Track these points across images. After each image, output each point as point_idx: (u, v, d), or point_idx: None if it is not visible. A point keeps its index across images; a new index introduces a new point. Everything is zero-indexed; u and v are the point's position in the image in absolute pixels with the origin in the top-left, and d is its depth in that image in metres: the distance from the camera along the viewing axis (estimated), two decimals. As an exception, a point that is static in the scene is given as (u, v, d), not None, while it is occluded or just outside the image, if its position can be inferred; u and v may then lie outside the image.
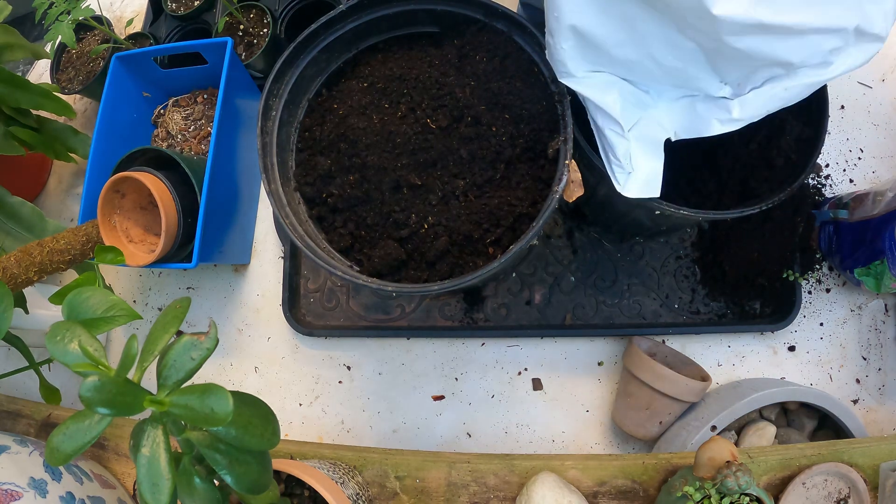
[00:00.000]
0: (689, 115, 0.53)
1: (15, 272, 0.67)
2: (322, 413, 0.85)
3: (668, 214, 0.59)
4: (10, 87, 0.77)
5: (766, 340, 0.80)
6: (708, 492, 0.52)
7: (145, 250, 0.77)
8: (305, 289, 0.87)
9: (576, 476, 0.63)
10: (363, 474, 0.65)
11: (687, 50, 0.49)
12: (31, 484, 0.55)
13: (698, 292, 0.81)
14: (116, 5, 1.11)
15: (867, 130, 0.85)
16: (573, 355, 0.82)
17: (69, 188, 1.03)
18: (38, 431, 0.74)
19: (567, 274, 0.82)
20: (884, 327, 0.80)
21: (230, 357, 0.89)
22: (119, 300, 0.58)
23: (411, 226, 0.62)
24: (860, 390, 0.79)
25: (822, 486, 0.61)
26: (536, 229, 0.54)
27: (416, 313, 0.84)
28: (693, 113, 0.53)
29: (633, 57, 0.51)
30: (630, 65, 0.52)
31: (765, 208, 0.59)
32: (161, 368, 0.36)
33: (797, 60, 0.47)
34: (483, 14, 0.63)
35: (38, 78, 1.10)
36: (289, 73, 0.65)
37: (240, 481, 0.37)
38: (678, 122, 0.54)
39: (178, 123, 0.93)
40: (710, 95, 0.52)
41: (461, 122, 0.63)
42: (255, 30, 0.93)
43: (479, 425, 0.82)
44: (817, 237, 0.79)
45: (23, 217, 0.78)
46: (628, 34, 0.50)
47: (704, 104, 0.52)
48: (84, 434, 0.35)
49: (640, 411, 0.73)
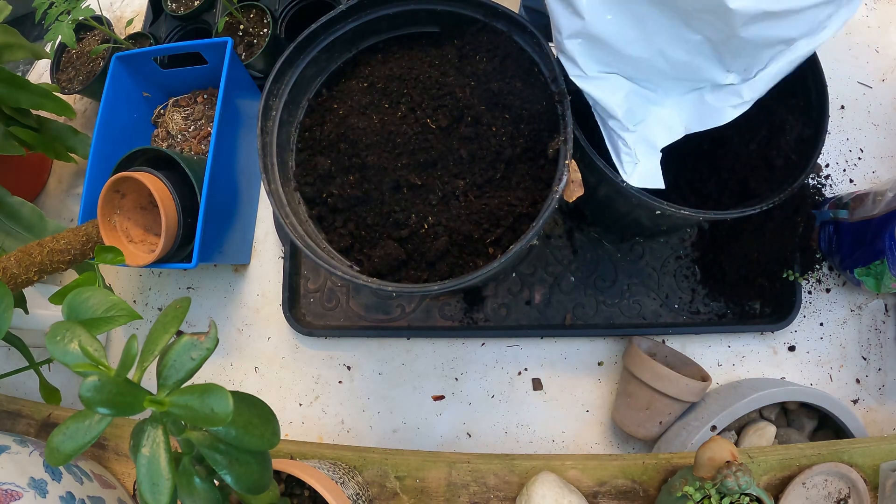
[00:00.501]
0: (700, 107, 0.55)
1: (15, 272, 0.67)
2: (322, 413, 0.85)
3: (668, 214, 0.59)
4: (10, 87, 0.77)
5: (766, 340, 0.80)
6: (708, 492, 0.52)
7: (145, 250, 0.77)
8: (305, 289, 0.87)
9: (576, 476, 0.63)
10: (363, 474, 0.65)
11: (693, 43, 0.51)
12: (31, 484, 0.55)
13: (698, 292, 0.81)
14: (116, 5, 1.11)
15: (867, 130, 0.85)
16: (573, 355, 0.82)
17: (69, 188, 1.03)
18: (38, 431, 0.74)
19: (567, 274, 0.82)
20: (884, 327, 0.80)
21: (230, 357, 0.89)
22: (119, 300, 0.58)
23: (411, 226, 0.62)
24: (860, 390, 0.79)
25: (822, 486, 0.61)
26: (536, 229, 0.54)
27: (416, 313, 0.84)
28: (703, 105, 0.54)
29: (644, 54, 0.52)
30: (639, 62, 0.53)
31: (765, 208, 0.59)
32: (161, 368, 0.36)
33: (797, 35, 0.49)
34: (483, 14, 0.63)
35: (38, 78, 1.10)
36: (289, 73, 0.65)
37: (240, 481, 0.37)
38: (689, 117, 0.55)
39: (178, 123, 0.93)
40: (718, 84, 0.53)
41: (461, 122, 0.63)
42: (255, 30, 0.93)
43: (479, 425, 0.82)
44: (817, 237, 0.79)
45: (23, 217, 0.79)
46: (639, 31, 0.51)
47: (713, 94, 0.54)
48: (84, 434, 0.35)
49: (640, 411, 0.73)
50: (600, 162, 0.58)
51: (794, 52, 0.51)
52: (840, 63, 0.88)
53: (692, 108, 0.55)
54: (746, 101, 0.53)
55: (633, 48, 0.52)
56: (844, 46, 0.88)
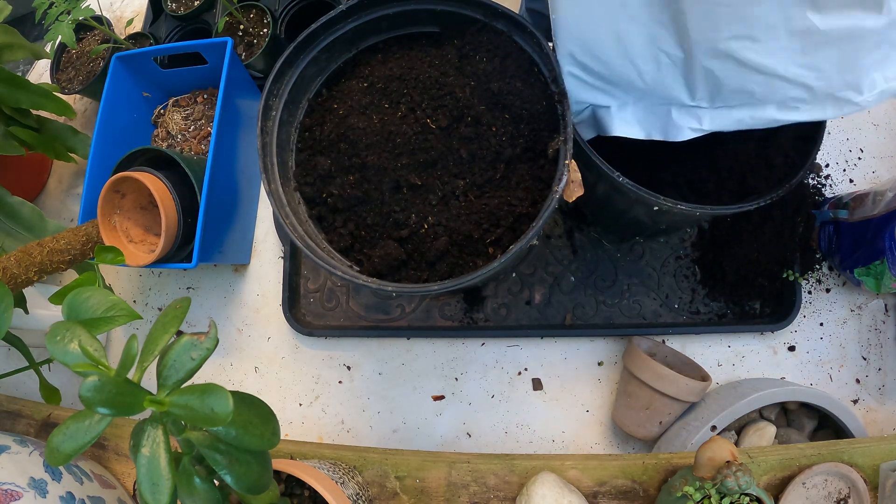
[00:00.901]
0: (665, 119, 0.57)
1: (15, 272, 0.67)
2: (322, 413, 0.85)
3: (665, 210, 0.59)
4: (10, 87, 0.77)
5: (766, 340, 0.80)
6: (708, 492, 0.52)
7: (145, 250, 0.77)
8: (305, 289, 0.87)
9: (576, 476, 0.63)
10: (363, 474, 0.65)
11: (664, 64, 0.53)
12: (31, 484, 0.55)
13: (698, 292, 0.81)
14: (116, 5, 1.11)
15: (867, 130, 0.85)
16: (573, 355, 0.82)
17: (69, 188, 1.03)
18: (38, 431, 0.74)
19: (567, 274, 0.82)
20: (884, 327, 0.80)
21: (230, 357, 0.89)
22: (119, 300, 0.58)
23: (411, 226, 0.62)
24: (860, 390, 0.79)
25: (822, 486, 0.61)
26: (536, 229, 0.54)
27: (416, 313, 0.84)
28: (669, 118, 0.57)
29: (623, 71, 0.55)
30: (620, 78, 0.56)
31: (763, 204, 0.59)
32: (161, 368, 0.36)
33: (759, 93, 0.51)
34: (483, 14, 0.63)
35: (38, 78, 1.10)
36: (289, 73, 0.65)
37: (240, 481, 0.37)
38: (654, 124, 0.58)
39: (178, 123, 0.93)
40: (685, 104, 0.56)
41: (461, 122, 0.63)
42: (255, 30, 0.93)
43: (479, 425, 0.82)
44: (817, 237, 0.79)
45: (23, 217, 0.79)
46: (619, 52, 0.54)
47: (679, 112, 0.56)
48: (84, 434, 0.35)
49: (640, 411, 0.73)
50: (597, 158, 0.58)
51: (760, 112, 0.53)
52: (840, 63, 0.88)
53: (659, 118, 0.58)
54: (704, 129, 0.55)
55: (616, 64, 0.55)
56: (844, 46, 0.88)
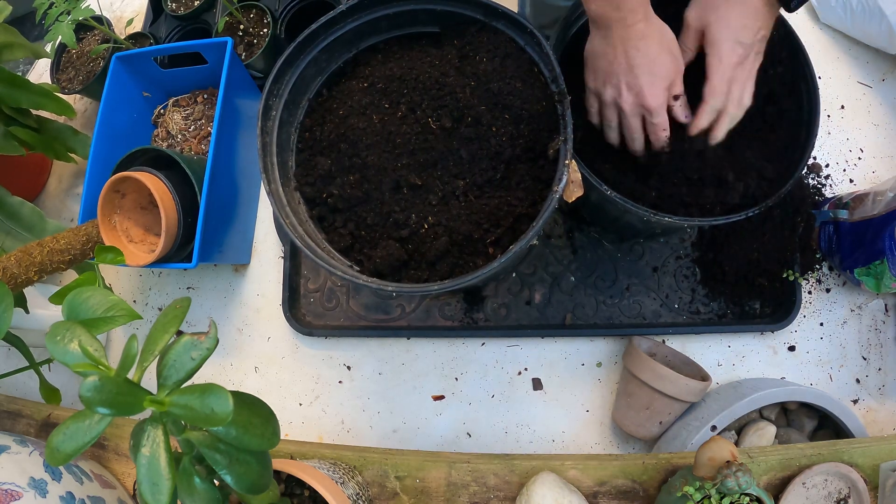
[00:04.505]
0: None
1: (15, 272, 0.67)
2: (322, 413, 0.85)
3: (654, 222, 0.60)
4: (10, 87, 0.77)
5: (766, 340, 0.80)
6: (708, 492, 0.52)
7: (145, 250, 0.77)
8: (305, 289, 0.87)
9: (576, 476, 0.63)
10: (363, 474, 0.65)
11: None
12: (31, 484, 0.55)
13: (698, 292, 0.81)
14: (116, 5, 1.11)
15: (867, 130, 0.85)
16: (573, 355, 0.82)
17: (69, 188, 1.03)
18: (38, 431, 0.74)
19: (567, 274, 0.82)
20: (884, 327, 0.80)
21: (230, 357, 0.89)
22: (119, 300, 0.58)
23: (411, 226, 0.62)
24: (860, 390, 0.79)
25: (822, 486, 0.61)
26: (536, 229, 0.54)
27: (416, 313, 0.84)
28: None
29: None
30: None
31: (750, 215, 0.59)
32: (161, 368, 0.36)
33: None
34: (483, 14, 0.63)
35: (38, 78, 1.10)
36: (289, 73, 0.65)
37: (240, 481, 0.37)
38: None
39: (178, 123, 0.93)
40: None
41: (461, 122, 0.63)
42: (255, 30, 0.93)
43: (479, 425, 0.82)
44: (817, 237, 0.79)
45: (23, 217, 0.79)
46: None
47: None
48: (84, 434, 0.35)
49: (640, 411, 0.73)
50: (584, 170, 0.59)
51: None
52: (840, 63, 0.88)
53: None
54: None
55: None
56: (844, 46, 0.88)
